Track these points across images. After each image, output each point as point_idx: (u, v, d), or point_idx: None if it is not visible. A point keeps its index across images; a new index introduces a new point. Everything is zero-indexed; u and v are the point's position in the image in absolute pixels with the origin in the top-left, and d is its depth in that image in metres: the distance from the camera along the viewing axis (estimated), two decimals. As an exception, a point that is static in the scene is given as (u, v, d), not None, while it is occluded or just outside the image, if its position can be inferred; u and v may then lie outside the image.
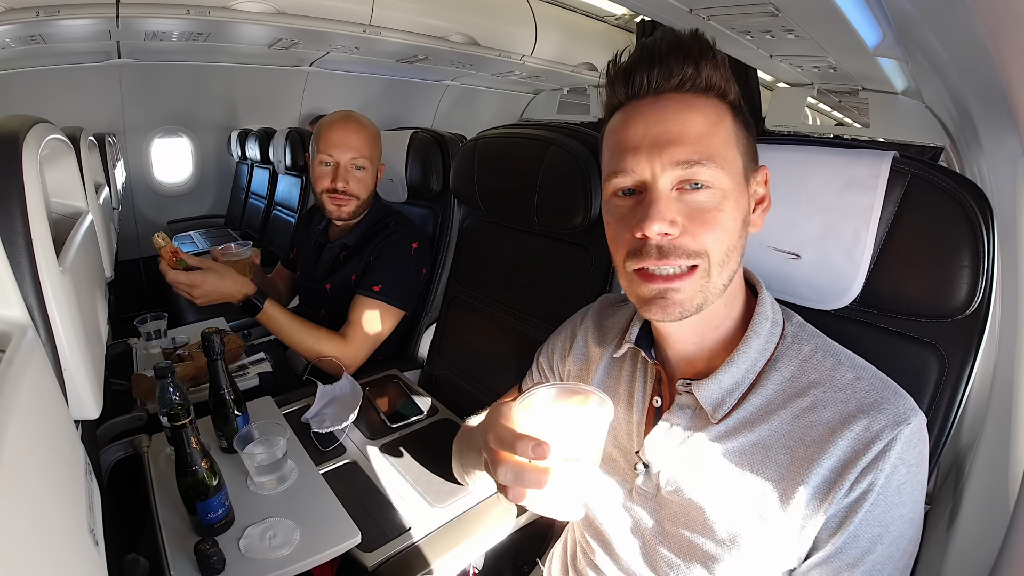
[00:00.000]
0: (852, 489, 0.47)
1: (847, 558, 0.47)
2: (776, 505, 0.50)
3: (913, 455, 0.47)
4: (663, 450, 0.57)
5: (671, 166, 0.48)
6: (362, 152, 1.25)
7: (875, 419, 0.47)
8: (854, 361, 0.53)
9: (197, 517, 0.71)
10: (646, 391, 0.62)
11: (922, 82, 1.67)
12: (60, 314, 0.53)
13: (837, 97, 2.78)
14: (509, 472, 0.43)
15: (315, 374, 1.14)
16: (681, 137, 0.48)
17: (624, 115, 0.52)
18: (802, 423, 0.50)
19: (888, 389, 0.50)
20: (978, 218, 0.55)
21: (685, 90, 0.49)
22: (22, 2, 1.64)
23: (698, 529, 0.54)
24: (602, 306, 0.74)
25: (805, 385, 0.52)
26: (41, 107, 2.10)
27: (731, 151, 0.50)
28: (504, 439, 0.44)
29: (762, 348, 0.54)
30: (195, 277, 1.05)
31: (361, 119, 1.28)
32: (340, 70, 3.27)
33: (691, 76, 0.49)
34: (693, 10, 1.36)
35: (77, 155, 0.89)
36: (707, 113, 0.49)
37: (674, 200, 0.49)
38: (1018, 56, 0.46)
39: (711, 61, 0.49)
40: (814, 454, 0.49)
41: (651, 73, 0.49)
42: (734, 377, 0.53)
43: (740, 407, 0.53)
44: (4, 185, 0.50)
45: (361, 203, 1.29)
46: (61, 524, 0.38)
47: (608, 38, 3.35)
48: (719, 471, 0.53)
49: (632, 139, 0.50)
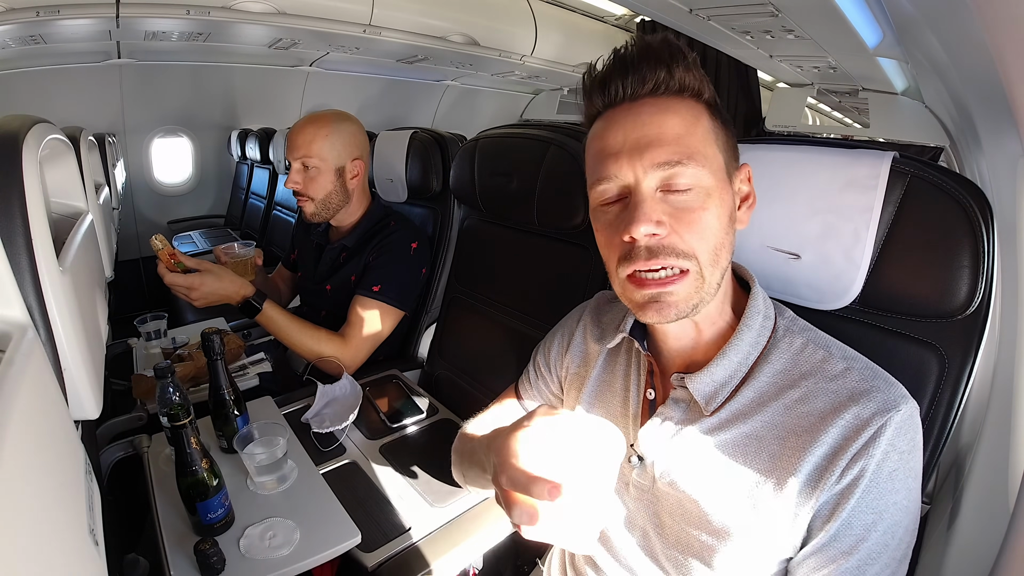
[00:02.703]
0: (843, 476, 0.47)
1: (841, 546, 0.48)
2: (769, 494, 0.50)
3: (904, 442, 0.47)
4: (657, 442, 0.58)
5: (653, 168, 0.49)
6: (306, 151, 1.19)
7: (865, 406, 0.48)
8: (845, 352, 0.53)
9: (197, 517, 0.71)
10: (640, 384, 0.62)
11: (922, 82, 1.67)
12: (60, 314, 0.53)
13: (837, 97, 2.78)
14: (524, 515, 0.43)
15: (315, 374, 1.15)
16: (660, 139, 0.49)
17: (603, 123, 0.53)
18: (794, 414, 0.51)
19: (879, 378, 0.50)
20: (978, 218, 0.55)
21: (660, 93, 0.51)
22: (22, 2, 1.63)
23: (694, 521, 0.54)
24: (599, 302, 0.74)
25: (797, 377, 0.52)
26: (41, 107, 2.10)
27: (710, 149, 0.51)
28: (518, 482, 0.43)
29: (754, 341, 0.55)
30: (193, 279, 1.05)
31: (318, 118, 1.22)
32: (340, 70, 3.26)
33: (664, 79, 0.50)
34: (693, 10, 1.36)
35: (77, 155, 0.89)
36: (683, 114, 0.50)
37: (659, 201, 0.49)
38: (1018, 56, 0.46)
39: (682, 63, 0.50)
40: (805, 443, 0.49)
41: (625, 80, 0.51)
42: (726, 370, 0.54)
43: (732, 400, 0.54)
44: (4, 185, 0.50)
45: (318, 204, 1.23)
46: (61, 524, 0.38)
47: (608, 38, 3.35)
48: (712, 463, 0.53)
49: (612, 145, 0.51)
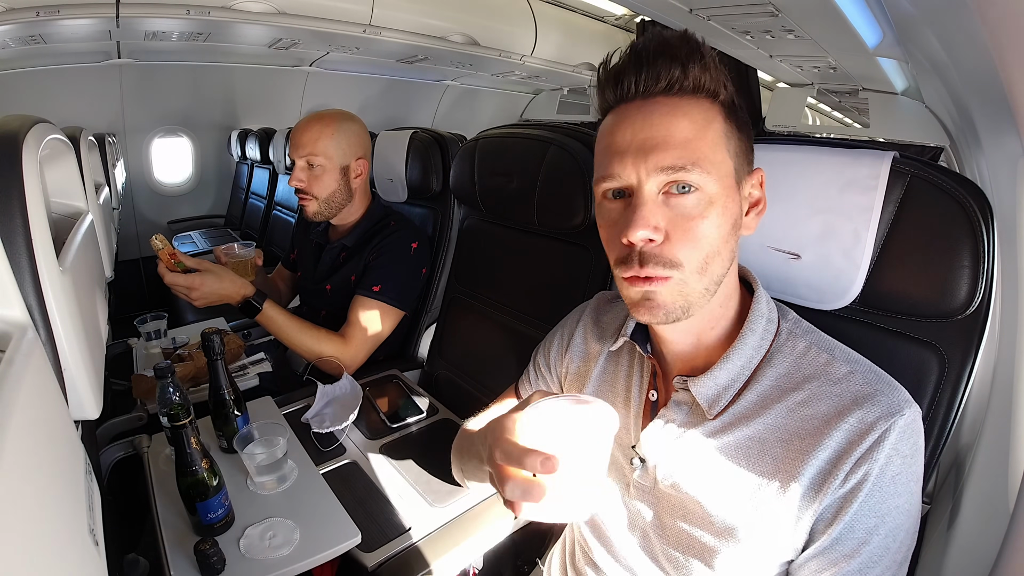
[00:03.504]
0: (847, 480, 0.47)
1: (843, 549, 0.48)
2: (772, 497, 0.50)
3: (908, 446, 0.47)
4: (659, 445, 0.57)
5: (656, 171, 0.48)
6: (311, 149, 1.20)
7: (869, 411, 0.48)
8: (848, 355, 0.53)
9: (197, 517, 0.71)
10: (642, 385, 0.62)
11: (922, 82, 1.67)
12: (60, 314, 0.53)
13: (837, 97, 2.78)
14: (517, 488, 0.43)
15: (315, 374, 1.15)
16: (667, 142, 0.48)
17: (614, 118, 0.52)
18: (797, 417, 0.51)
19: (882, 382, 0.50)
20: (978, 218, 0.55)
21: (673, 92, 0.49)
22: (22, 2, 1.64)
23: (696, 522, 0.54)
24: (599, 302, 0.74)
25: (800, 380, 0.52)
26: (41, 107, 2.10)
27: (719, 154, 0.49)
28: (511, 454, 0.44)
29: (757, 345, 0.54)
30: (193, 279, 1.05)
31: (324, 116, 1.22)
32: (340, 70, 3.27)
33: (679, 78, 0.48)
34: (693, 10, 1.36)
35: (77, 155, 0.89)
36: (694, 117, 0.49)
37: (660, 205, 0.49)
38: (1018, 56, 0.46)
39: (699, 62, 0.48)
40: (809, 446, 0.49)
41: (639, 76, 0.49)
42: (729, 374, 0.54)
43: (735, 403, 0.54)
44: (4, 185, 0.50)
45: (321, 203, 1.24)
46: (61, 524, 0.38)
47: (608, 38, 3.35)
48: (715, 465, 0.53)
49: (620, 144, 0.50)
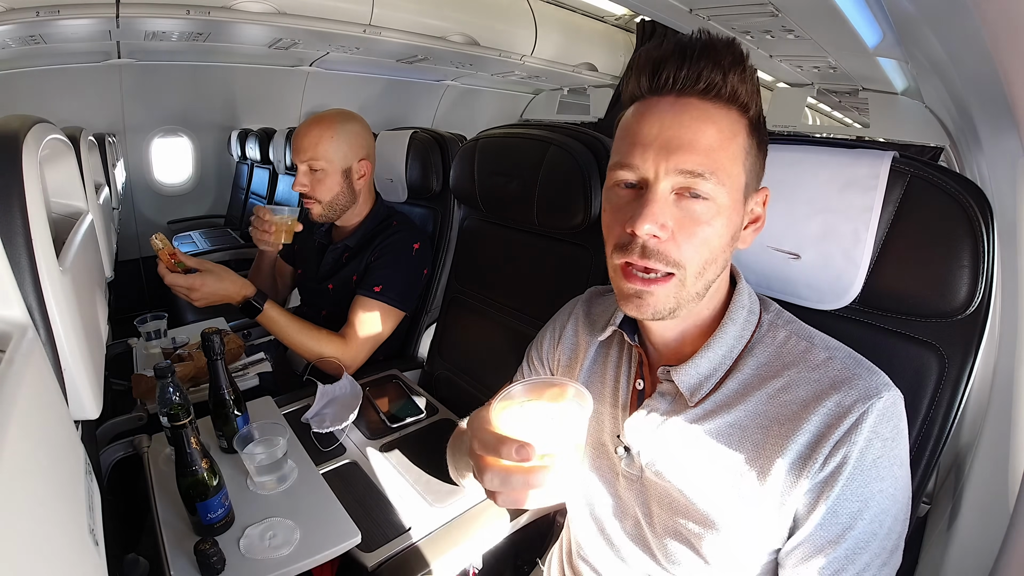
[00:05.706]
0: (826, 463, 0.47)
1: (828, 535, 0.48)
2: (754, 483, 0.50)
3: (888, 429, 0.47)
4: (642, 433, 0.58)
5: (675, 172, 0.48)
6: (313, 154, 1.19)
7: (847, 394, 0.48)
8: (828, 343, 0.53)
9: (197, 517, 0.71)
10: (630, 375, 0.63)
11: (922, 82, 1.67)
12: (60, 314, 0.53)
13: (837, 97, 2.78)
14: (496, 477, 0.44)
15: (315, 374, 1.14)
16: (692, 146, 0.48)
17: (643, 108, 0.51)
18: (776, 403, 0.51)
19: (861, 367, 0.50)
20: (978, 218, 0.55)
21: (708, 96, 0.49)
22: (22, 2, 1.64)
23: (681, 510, 0.55)
24: (591, 296, 0.75)
25: (780, 367, 0.53)
26: (41, 107, 2.10)
27: (737, 168, 0.50)
28: (488, 443, 0.44)
29: (738, 335, 0.55)
30: (194, 280, 1.05)
31: (324, 119, 1.21)
32: (340, 70, 3.27)
33: (717, 83, 0.48)
34: (693, 10, 1.36)
35: (77, 155, 0.89)
36: (722, 126, 0.48)
37: (670, 204, 0.49)
38: (1018, 56, 0.46)
39: (740, 73, 0.48)
40: (788, 431, 0.49)
41: (679, 72, 0.48)
42: (711, 363, 0.55)
43: (717, 391, 0.54)
44: (4, 185, 0.50)
45: (325, 206, 1.24)
46: (61, 524, 0.38)
47: (608, 38, 3.35)
48: (696, 452, 0.54)
49: (645, 136, 0.49)
